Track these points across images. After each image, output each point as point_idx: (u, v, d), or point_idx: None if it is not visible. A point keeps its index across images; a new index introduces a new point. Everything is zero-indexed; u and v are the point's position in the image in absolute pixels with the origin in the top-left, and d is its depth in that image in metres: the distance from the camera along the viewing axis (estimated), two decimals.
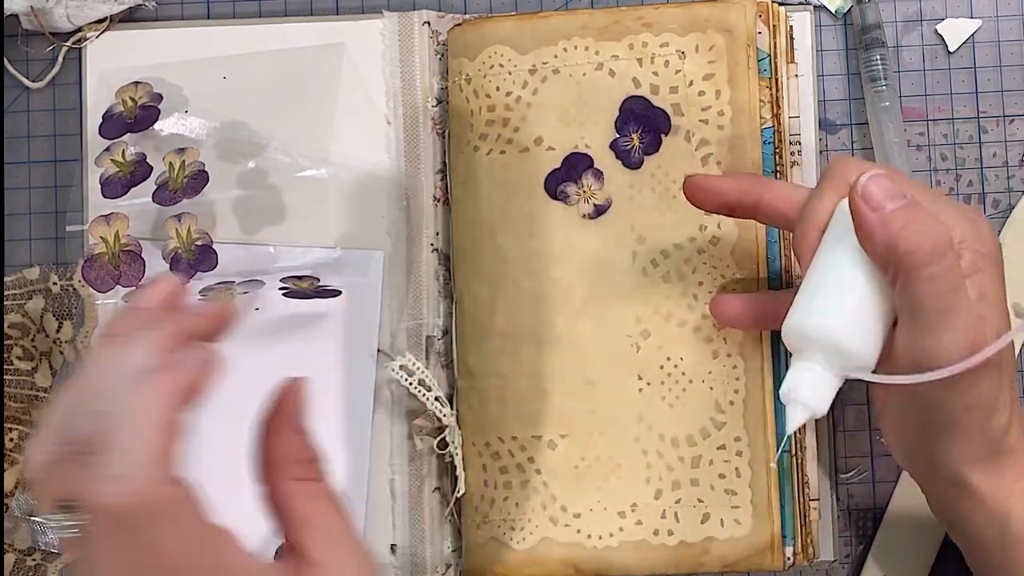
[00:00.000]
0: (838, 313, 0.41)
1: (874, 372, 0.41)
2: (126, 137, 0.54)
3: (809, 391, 0.41)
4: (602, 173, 0.52)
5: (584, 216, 0.52)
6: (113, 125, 0.54)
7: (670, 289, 0.51)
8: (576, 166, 0.52)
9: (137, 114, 0.54)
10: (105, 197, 0.54)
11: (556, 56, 0.53)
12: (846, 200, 0.41)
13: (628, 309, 0.51)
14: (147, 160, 0.54)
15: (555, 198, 0.52)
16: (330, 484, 0.42)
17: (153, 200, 0.53)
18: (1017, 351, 0.53)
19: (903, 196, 0.39)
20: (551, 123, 0.53)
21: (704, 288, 0.51)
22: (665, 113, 0.51)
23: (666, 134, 0.51)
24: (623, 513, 0.51)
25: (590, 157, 0.52)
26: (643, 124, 0.52)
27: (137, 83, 0.55)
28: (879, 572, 0.53)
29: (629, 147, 0.52)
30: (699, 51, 0.51)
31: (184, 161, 0.53)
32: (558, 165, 0.52)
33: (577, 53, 0.52)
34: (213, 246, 0.53)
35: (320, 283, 0.52)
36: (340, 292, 0.53)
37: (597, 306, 0.52)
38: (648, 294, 0.51)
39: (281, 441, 0.41)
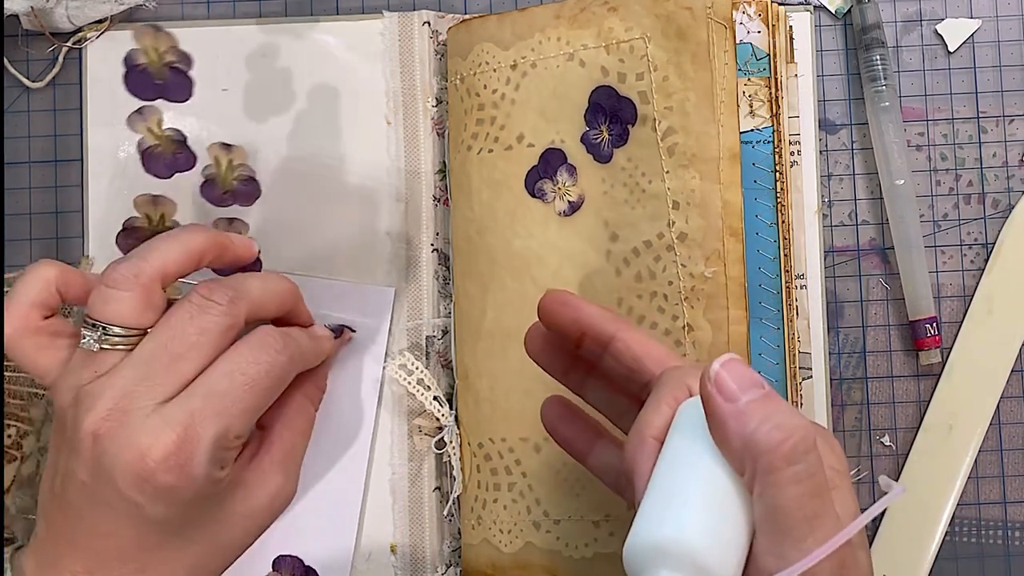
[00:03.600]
0: (695, 525, 0.34)
1: None
2: (158, 103, 0.54)
3: None
4: (575, 168, 0.51)
5: (560, 214, 0.51)
6: (140, 81, 0.54)
7: (641, 289, 0.49)
8: (551, 162, 0.51)
9: (168, 78, 0.54)
10: (147, 172, 0.54)
11: (532, 49, 0.52)
12: (689, 400, 0.37)
13: None
14: (188, 143, 0.54)
15: (534, 196, 0.51)
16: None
17: (201, 194, 0.53)
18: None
19: (760, 385, 0.35)
20: (531, 119, 0.52)
21: (674, 288, 0.49)
22: (631, 102, 0.49)
23: (633, 124, 0.49)
24: (597, 523, 0.50)
25: (563, 152, 0.51)
26: (611, 115, 0.50)
27: (156, 29, 0.54)
28: (879, 571, 0.53)
29: (599, 140, 0.50)
30: (664, 34, 0.49)
31: (232, 160, 0.54)
32: (536, 162, 0.51)
33: (551, 44, 0.51)
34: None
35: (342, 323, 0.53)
36: (354, 331, 0.53)
37: None
38: (621, 295, 0.50)
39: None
